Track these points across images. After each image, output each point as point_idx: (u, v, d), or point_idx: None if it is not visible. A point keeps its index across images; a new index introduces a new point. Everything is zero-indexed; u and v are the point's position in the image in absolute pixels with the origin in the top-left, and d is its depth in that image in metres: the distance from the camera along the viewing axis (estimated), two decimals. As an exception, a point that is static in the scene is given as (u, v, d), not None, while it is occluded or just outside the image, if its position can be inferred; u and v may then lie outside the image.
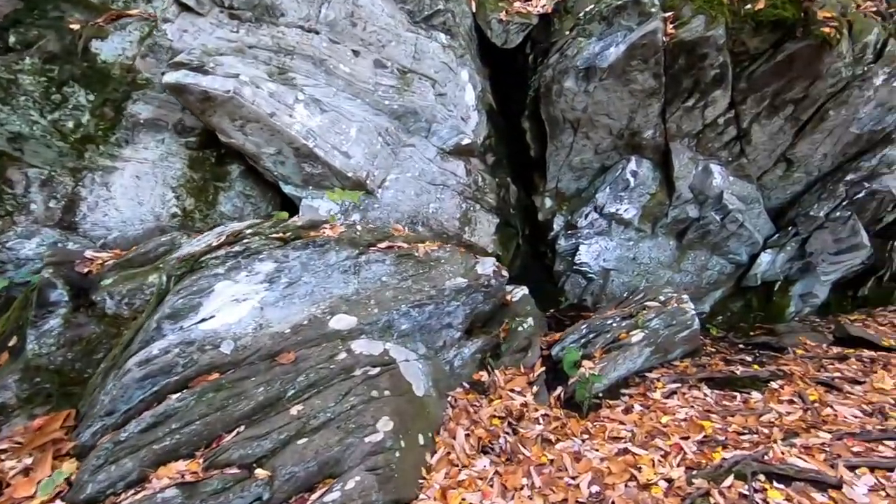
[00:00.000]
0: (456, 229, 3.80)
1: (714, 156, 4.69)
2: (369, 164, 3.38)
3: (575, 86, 3.91)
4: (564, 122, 4.21)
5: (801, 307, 5.66)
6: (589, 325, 3.54)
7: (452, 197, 3.75)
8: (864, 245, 5.30)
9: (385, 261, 2.87)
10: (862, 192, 5.01)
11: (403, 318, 2.78)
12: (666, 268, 5.28)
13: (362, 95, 3.39)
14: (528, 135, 4.49)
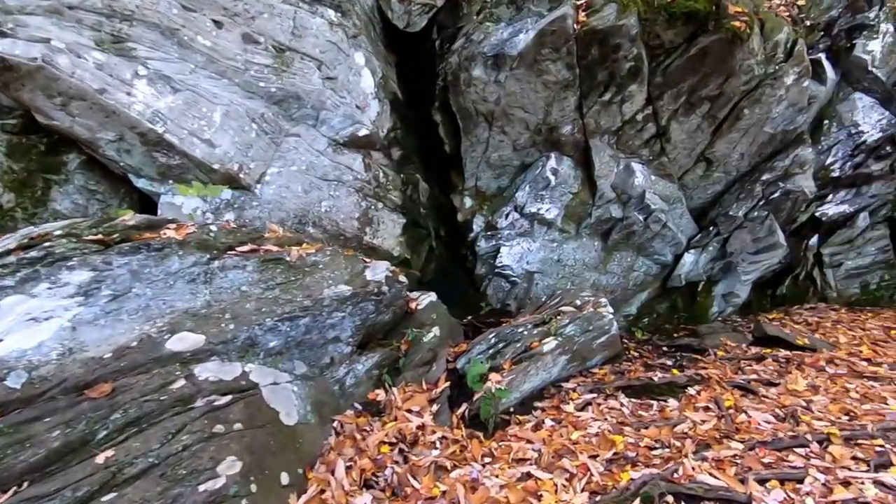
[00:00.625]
0: (355, 230, 3.42)
1: (635, 154, 4.56)
2: (242, 154, 2.94)
3: (484, 75, 3.64)
4: (477, 115, 3.94)
5: (724, 307, 5.67)
6: (497, 333, 3.25)
7: (349, 194, 3.37)
8: (781, 244, 5.36)
9: (246, 267, 2.45)
10: (777, 192, 5.05)
11: (270, 333, 2.37)
12: (592, 269, 5.12)
13: (230, 75, 2.94)
14: (441, 129, 4.19)
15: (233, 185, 2.95)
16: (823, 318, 5.20)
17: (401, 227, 3.69)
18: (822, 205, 5.72)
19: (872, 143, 5.38)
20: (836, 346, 4.44)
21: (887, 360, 4.05)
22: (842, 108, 5.65)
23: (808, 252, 5.94)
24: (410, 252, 3.78)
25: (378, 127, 3.58)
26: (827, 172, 5.63)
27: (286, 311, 2.40)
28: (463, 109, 3.92)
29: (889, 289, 6.14)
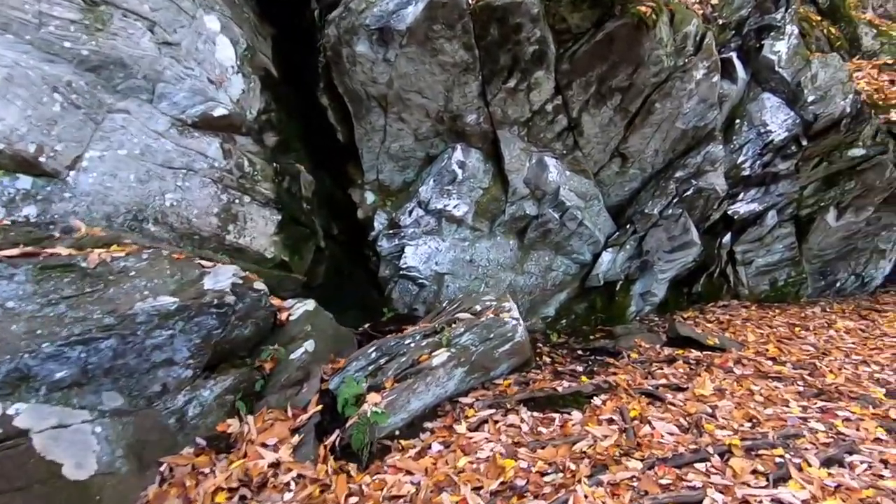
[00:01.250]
0: (213, 228, 2.90)
1: (548, 148, 4.30)
2: (41, 133, 2.34)
3: (370, 51, 3.23)
4: (369, 99, 3.52)
5: (642, 306, 5.59)
6: (379, 347, 2.85)
7: (204, 185, 2.84)
8: (695, 243, 5.33)
9: (14, 276, 1.90)
10: (690, 190, 4.99)
11: (53, 362, 1.84)
12: (508, 270, 4.84)
13: (16, 29, 2.32)
14: (331, 114, 3.73)
15: (31, 171, 2.35)
16: (734, 315, 5.22)
17: (275, 225, 3.20)
18: (733, 203, 5.76)
19: (779, 142, 5.46)
20: (745, 345, 4.40)
21: (791, 359, 4.04)
22: (752, 107, 5.71)
23: (722, 250, 5.99)
24: (290, 253, 3.30)
25: (243, 107, 3.07)
26: (738, 171, 5.67)
27: (76, 333, 1.87)
28: (351, 92, 3.48)
29: (795, 285, 6.32)
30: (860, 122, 5.48)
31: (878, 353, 4.18)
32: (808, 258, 6.41)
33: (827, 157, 5.73)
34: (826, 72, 5.33)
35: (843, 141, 5.59)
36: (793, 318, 5.29)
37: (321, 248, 3.69)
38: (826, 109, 5.25)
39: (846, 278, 6.73)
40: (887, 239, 6.58)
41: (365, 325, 3.79)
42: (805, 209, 6.00)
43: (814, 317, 5.30)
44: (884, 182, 5.79)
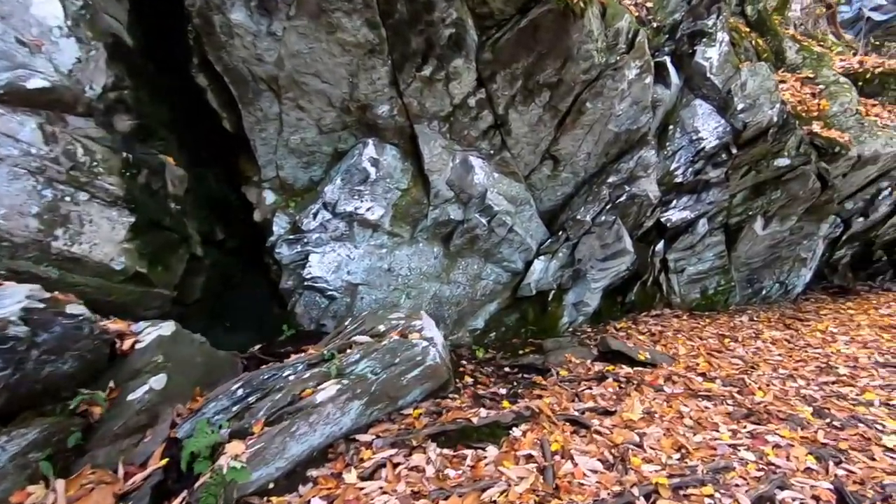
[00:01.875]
0: (32, 232, 2.27)
1: (473, 147, 3.92)
2: None
3: (250, 21, 2.71)
4: (256, 81, 2.99)
5: (575, 316, 5.35)
6: (248, 382, 2.33)
7: (15, 178, 2.21)
8: (629, 251, 5.15)
9: None
10: (623, 196, 4.78)
11: None
12: (432, 279, 4.42)
13: None
14: (211, 96, 3.16)
15: None
16: (666, 326, 5.07)
17: (126, 229, 2.60)
18: (666, 210, 5.65)
19: (710, 149, 5.39)
20: (676, 359, 4.22)
21: (721, 374, 3.87)
22: (685, 113, 5.63)
23: (655, 258, 5.87)
24: (149, 264, 2.70)
25: (81, 81, 2.45)
26: (671, 178, 5.56)
27: None
28: (232, 71, 2.94)
29: (724, 293, 6.33)
30: (786, 132, 5.51)
31: (802, 365, 4.11)
32: (736, 266, 6.45)
33: (755, 166, 5.74)
34: (755, 80, 5.32)
35: (770, 150, 5.61)
36: (722, 327, 5.21)
37: (197, 256, 3.11)
38: (755, 118, 5.23)
39: (771, 286, 6.84)
40: (808, 247, 6.75)
41: (257, 346, 3.24)
42: (734, 217, 6.00)
43: (742, 326, 5.26)
44: (807, 192, 5.88)
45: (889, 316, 5.64)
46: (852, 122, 6.51)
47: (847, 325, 5.35)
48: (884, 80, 7.75)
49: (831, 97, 6.73)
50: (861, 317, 5.64)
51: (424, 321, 3.06)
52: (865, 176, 6.68)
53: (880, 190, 6.89)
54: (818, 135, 5.91)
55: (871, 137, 6.36)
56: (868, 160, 6.33)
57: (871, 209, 6.96)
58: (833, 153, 5.92)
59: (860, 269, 8.22)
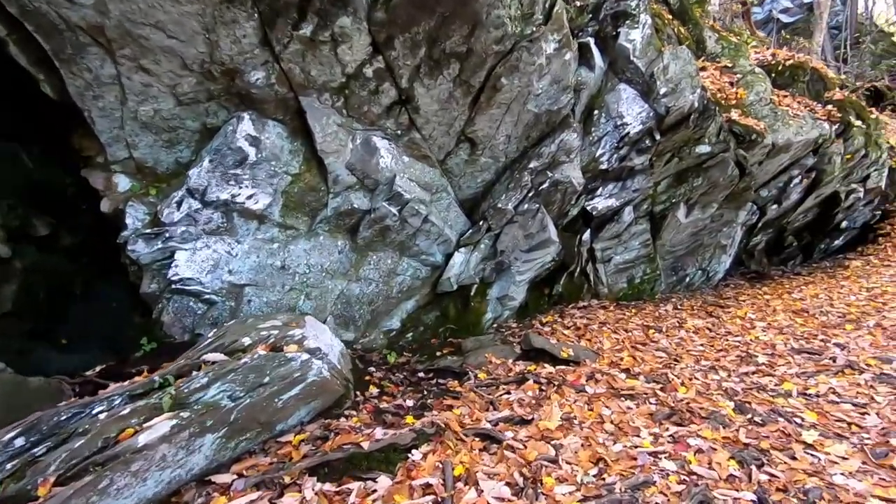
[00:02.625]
0: None
1: (377, 126, 3.45)
2: None
3: (46, -55, 2.09)
4: (73, 31, 2.35)
5: (501, 311, 5.04)
6: (32, 427, 1.75)
7: None
8: (553, 241, 4.89)
9: None
10: (546, 183, 4.50)
11: None
12: (338, 277, 3.92)
13: None
14: (16, 51, 2.46)
15: None
16: (592, 319, 4.88)
17: None
18: (592, 198, 5.46)
19: (634, 135, 5.24)
20: (600, 354, 3.99)
21: (644, 369, 3.68)
22: (609, 98, 5.44)
23: (582, 247, 5.69)
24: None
25: None
26: (596, 165, 5.36)
27: None
28: (33, 15, 2.26)
29: (650, 282, 6.28)
30: (706, 118, 5.46)
31: (724, 355, 4.02)
32: (661, 254, 6.42)
33: (678, 153, 5.67)
34: (677, 64, 5.20)
35: (692, 137, 5.55)
36: (648, 318, 5.10)
37: (3, 258, 2.44)
38: (677, 102, 5.11)
39: (694, 273, 6.90)
40: (728, 234, 6.85)
41: (98, 368, 2.61)
42: (658, 205, 5.93)
43: (666, 316, 5.17)
44: (726, 179, 5.90)
45: (801, 300, 5.78)
46: (767, 111, 6.64)
47: (764, 311, 5.41)
48: (794, 73, 8.04)
49: (748, 86, 6.83)
50: (776, 301, 5.75)
51: (308, 328, 2.57)
52: (779, 164, 6.86)
53: (792, 178, 7.12)
54: (736, 122, 5.94)
55: (784, 126, 6.51)
56: (781, 148, 6.48)
57: (784, 196, 7.19)
58: (750, 140, 5.98)
59: (774, 255, 8.57)
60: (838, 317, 5.09)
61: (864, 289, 6.18)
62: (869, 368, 3.59)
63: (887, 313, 5.09)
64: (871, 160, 7.70)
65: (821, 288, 6.34)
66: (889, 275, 6.71)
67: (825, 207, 8.04)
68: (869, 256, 7.90)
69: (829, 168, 7.20)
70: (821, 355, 3.91)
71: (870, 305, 5.40)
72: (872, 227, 8.63)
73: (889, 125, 10.99)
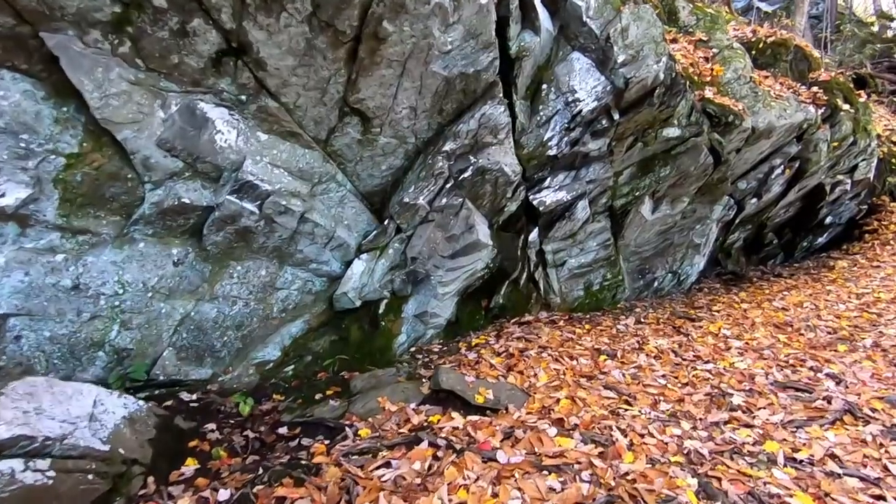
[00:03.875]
0: None
1: (204, 87, 2.43)
2: None
3: None
4: None
5: (422, 331, 4.07)
6: None
7: None
8: (485, 244, 3.94)
9: None
10: (468, 170, 3.53)
11: None
12: (179, 296, 2.91)
13: None
14: None
15: None
16: (532, 340, 3.94)
17: None
18: (539, 191, 4.51)
19: (588, 114, 4.29)
20: (531, 394, 3.06)
21: (584, 420, 2.75)
22: (560, 69, 4.48)
23: (529, 250, 4.75)
24: None
25: None
26: (544, 150, 4.41)
27: None
28: None
29: (611, 288, 5.38)
30: (675, 95, 4.54)
31: (690, 393, 3.12)
32: (625, 256, 5.52)
33: (641, 137, 4.75)
34: (638, 26, 4.25)
35: (658, 118, 4.63)
36: (602, 336, 4.19)
37: None
38: (638, 73, 4.17)
39: (663, 276, 6.03)
40: (701, 232, 5.99)
41: None
42: (620, 199, 5.01)
43: (625, 334, 4.27)
44: (698, 168, 5.01)
45: (783, 310, 4.95)
46: (746, 91, 5.76)
47: (741, 325, 4.56)
48: (776, 51, 7.19)
49: (725, 62, 5.95)
50: (755, 312, 4.90)
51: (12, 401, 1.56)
52: (759, 152, 6.01)
53: (773, 168, 6.29)
54: (711, 101, 5.05)
55: (765, 108, 5.65)
56: (762, 133, 5.62)
57: (764, 189, 6.36)
58: (727, 123, 5.09)
59: (752, 254, 7.77)
60: (828, 333, 4.26)
61: (853, 295, 5.38)
62: (875, 416, 2.73)
63: (884, 328, 4.27)
64: (859, 148, 6.92)
65: (805, 294, 5.53)
66: (880, 278, 5.93)
67: (808, 201, 7.25)
68: (855, 255, 7.14)
69: (814, 157, 6.39)
70: (811, 393, 3.04)
71: (862, 317, 4.59)
72: (858, 223, 7.89)
73: (874, 113, 10.31)
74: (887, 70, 13.52)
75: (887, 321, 4.46)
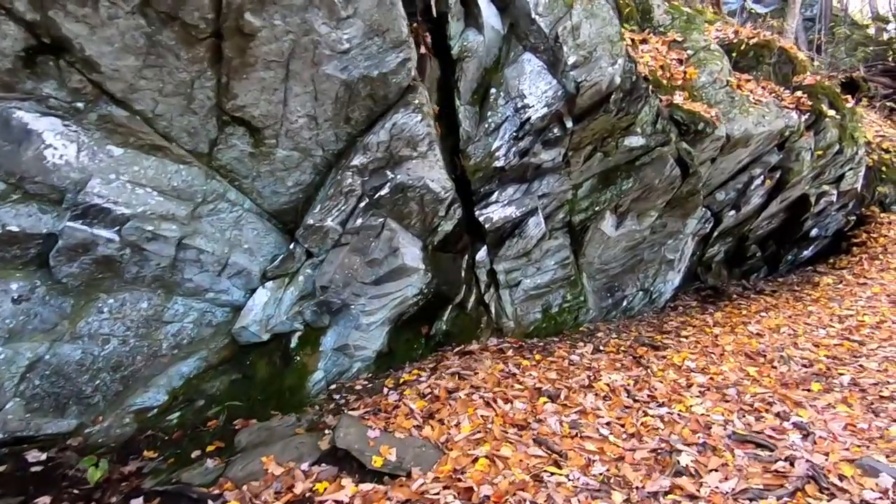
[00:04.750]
0: None
1: (21, 92, 1.98)
2: None
3: None
4: None
5: (347, 365, 3.62)
6: None
7: None
8: (413, 268, 3.49)
9: None
10: (385, 187, 3.08)
11: None
12: (28, 337, 2.47)
13: None
14: None
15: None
16: (467, 377, 3.49)
17: None
18: (486, 206, 4.08)
19: (538, 121, 3.86)
20: (446, 451, 2.62)
21: (498, 491, 2.30)
22: (509, 72, 4.05)
23: (478, 270, 4.31)
24: None
25: None
26: (491, 161, 3.98)
27: None
28: None
29: (572, 311, 4.94)
30: (635, 101, 4.11)
31: (633, 449, 2.68)
32: (590, 274, 5.08)
33: (601, 147, 4.31)
34: (592, 24, 3.82)
35: (618, 125, 4.19)
36: (550, 370, 3.75)
37: None
38: (590, 76, 3.73)
39: (634, 295, 5.59)
40: (674, 248, 5.55)
41: None
42: (579, 214, 4.57)
43: (577, 367, 3.83)
44: (664, 181, 4.57)
45: (758, 336, 4.51)
46: (722, 95, 5.34)
47: (709, 355, 4.12)
48: (758, 53, 6.75)
49: (700, 64, 5.52)
50: (727, 338, 4.46)
51: None
52: (737, 161, 5.58)
53: (752, 178, 5.85)
54: (679, 107, 4.62)
55: (742, 114, 5.22)
56: (738, 141, 5.19)
57: (743, 201, 5.93)
58: (697, 131, 4.66)
59: (735, 266, 7.33)
60: (803, 366, 3.83)
61: (835, 317, 4.95)
62: (842, 487, 2.29)
63: (865, 360, 3.85)
64: (845, 157, 6.49)
65: (784, 316, 5.09)
66: (866, 297, 5.50)
67: (793, 212, 6.82)
68: (842, 270, 6.71)
69: (796, 166, 5.96)
70: (773, 451, 2.61)
71: (843, 346, 4.16)
72: (846, 235, 7.46)
73: (865, 119, 9.90)
74: (882, 74, 13.13)
75: (869, 351, 4.03)
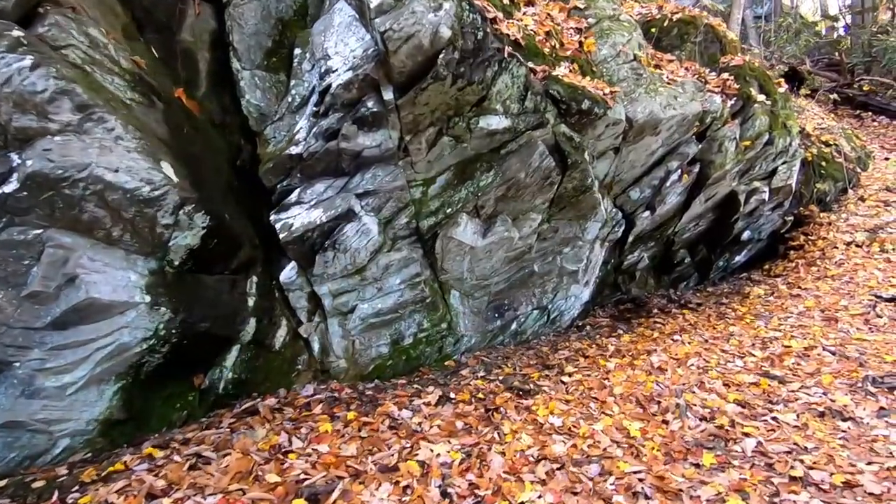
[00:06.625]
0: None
1: None
2: None
3: None
4: None
5: (43, 447, 2.45)
6: None
7: None
8: (119, 303, 2.34)
9: None
10: (12, 181, 1.88)
11: None
12: None
13: None
14: None
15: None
16: (205, 463, 2.36)
17: None
18: (285, 208, 2.97)
19: (341, 90, 2.77)
20: None
21: None
22: (317, 26, 2.97)
23: (291, 294, 3.21)
24: None
25: None
26: (287, 146, 2.88)
27: None
28: None
29: (433, 341, 3.87)
30: (481, 65, 3.07)
31: None
32: (465, 291, 4.03)
33: (448, 129, 3.26)
34: (408, -45, 2.75)
35: (464, 100, 3.15)
36: (355, 438, 2.66)
37: None
38: (398, 25, 2.65)
39: (527, 314, 4.57)
40: (575, 257, 4.56)
41: None
42: (428, 218, 3.50)
43: (399, 431, 2.75)
44: (532, 174, 3.55)
45: (659, 371, 3.56)
46: (626, 72, 4.39)
47: (590, 403, 3.12)
48: (683, 31, 5.86)
49: (602, 35, 4.56)
50: (620, 376, 3.49)
51: None
52: (649, 152, 4.65)
53: (669, 172, 4.93)
54: (557, 79, 3.60)
55: (648, 94, 4.28)
56: (645, 126, 4.24)
57: (658, 199, 5.00)
58: (582, 111, 3.67)
59: (664, 274, 6.43)
60: (702, 419, 2.87)
61: (758, 341, 4.06)
62: None
63: (781, 410, 2.92)
64: (777, 149, 5.66)
65: (699, 341, 4.17)
66: (797, 313, 4.64)
67: (722, 213, 5.96)
68: (776, 279, 5.89)
69: (719, 159, 5.07)
70: None
71: (760, 385, 3.23)
72: (783, 238, 6.67)
73: (808, 111, 9.24)
74: (827, 68, 12.66)
75: (790, 394, 3.10)
